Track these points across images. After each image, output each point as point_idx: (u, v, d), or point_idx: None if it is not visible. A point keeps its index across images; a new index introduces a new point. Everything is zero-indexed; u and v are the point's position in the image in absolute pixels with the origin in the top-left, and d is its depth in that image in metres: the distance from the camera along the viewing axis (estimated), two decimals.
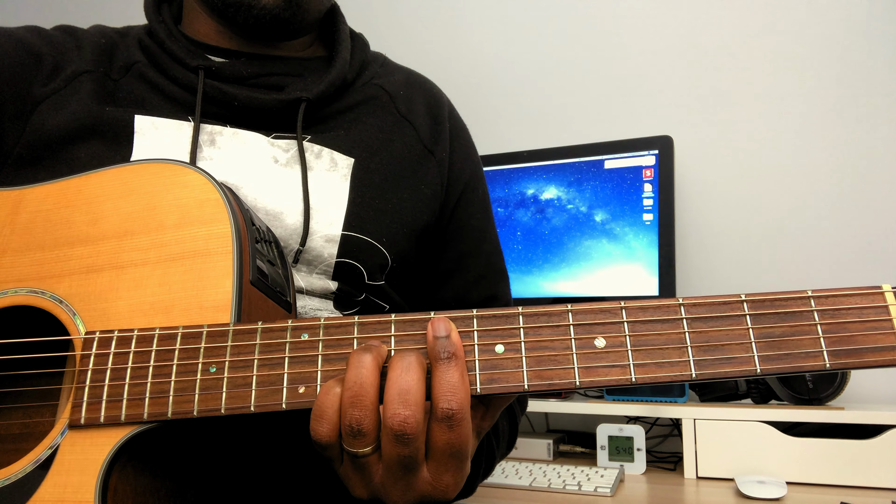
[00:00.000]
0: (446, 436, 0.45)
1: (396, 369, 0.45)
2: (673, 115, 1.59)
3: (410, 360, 0.45)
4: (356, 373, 0.45)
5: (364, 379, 0.44)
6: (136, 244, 0.54)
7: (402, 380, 0.44)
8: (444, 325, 0.46)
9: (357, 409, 0.44)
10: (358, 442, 0.45)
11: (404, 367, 0.45)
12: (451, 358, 0.45)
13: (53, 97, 0.69)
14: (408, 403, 0.44)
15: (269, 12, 0.70)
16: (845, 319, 0.43)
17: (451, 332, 0.46)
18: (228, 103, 0.70)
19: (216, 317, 0.50)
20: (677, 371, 0.43)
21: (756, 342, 0.43)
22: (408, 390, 0.44)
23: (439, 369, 0.45)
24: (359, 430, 0.44)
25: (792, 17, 1.51)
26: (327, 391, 0.45)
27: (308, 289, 0.68)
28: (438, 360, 0.45)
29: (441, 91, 0.85)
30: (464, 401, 0.45)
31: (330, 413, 0.45)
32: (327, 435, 0.45)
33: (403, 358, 0.45)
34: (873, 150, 1.43)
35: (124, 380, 0.49)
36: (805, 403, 1.17)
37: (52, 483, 0.48)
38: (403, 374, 0.44)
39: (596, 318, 0.46)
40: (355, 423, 0.44)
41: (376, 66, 0.82)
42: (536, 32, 1.75)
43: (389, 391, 0.44)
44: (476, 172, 0.83)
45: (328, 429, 0.45)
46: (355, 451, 0.45)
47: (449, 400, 0.44)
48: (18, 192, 0.59)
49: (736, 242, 1.51)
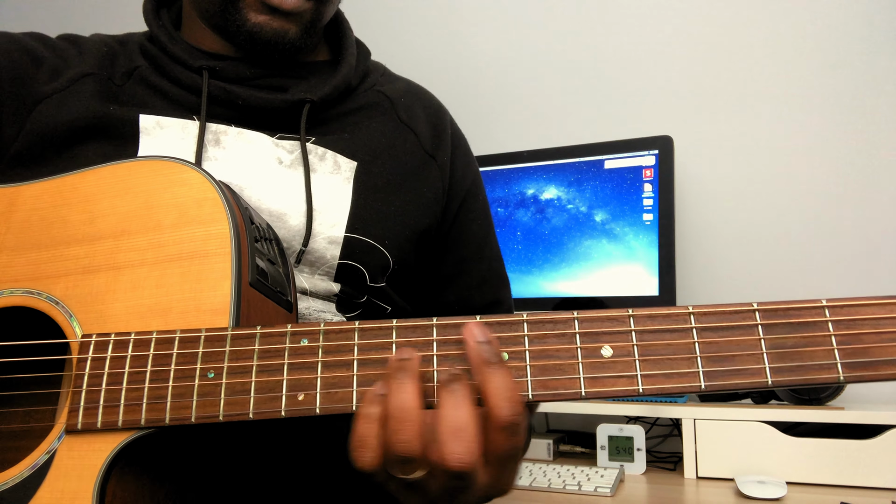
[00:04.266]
0: (509, 442, 0.43)
1: (448, 406, 0.42)
2: (673, 115, 1.59)
3: (461, 393, 0.43)
4: (399, 397, 0.42)
5: (408, 403, 0.42)
6: (133, 244, 0.53)
7: (455, 417, 0.42)
8: (483, 330, 0.44)
9: (403, 435, 0.42)
10: (408, 468, 0.43)
11: (456, 403, 0.42)
12: (500, 363, 0.43)
13: (55, 96, 0.68)
14: (463, 440, 0.41)
15: (292, 44, 0.71)
16: (861, 331, 0.41)
17: (490, 337, 0.44)
18: (232, 102, 0.70)
19: (214, 320, 0.50)
20: (686, 382, 0.42)
21: (767, 353, 0.42)
22: (463, 428, 0.42)
23: (490, 375, 0.43)
24: (407, 458, 0.42)
25: (792, 18, 1.51)
26: (367, 419, 0.43)
27: (312, 290, 0.68)
28: (487, 366, 0.43)
29: (441, 102, 0.86)
30: (520, 403, 0.43)
31: (371, 441, 0.43)
32: (372, 463, 0.43)
33: (453, 393, 0.43)
34: (873, 149, 1.43)
35: (121, 384, 0.48)
36: (805, 403, 1.17)
37: (49, 489, 0.48)
38: (456, 411, 0.42)
39: (603, 327, 0.45)
40: (402, 451, 0.42)
41: (377, 75, 0.82)
42: (536, 32, 1.75)
43: (443, 429, 0.42)
44: (476, 181, 0.84)
45: (372, 456, 0.43)
46: (405, 477, 0.43)
47: (510, 407, 0.42)
48: (13, 189, 0.58)
49: (736, 242, 1.51)
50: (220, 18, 0.69)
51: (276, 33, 0.69)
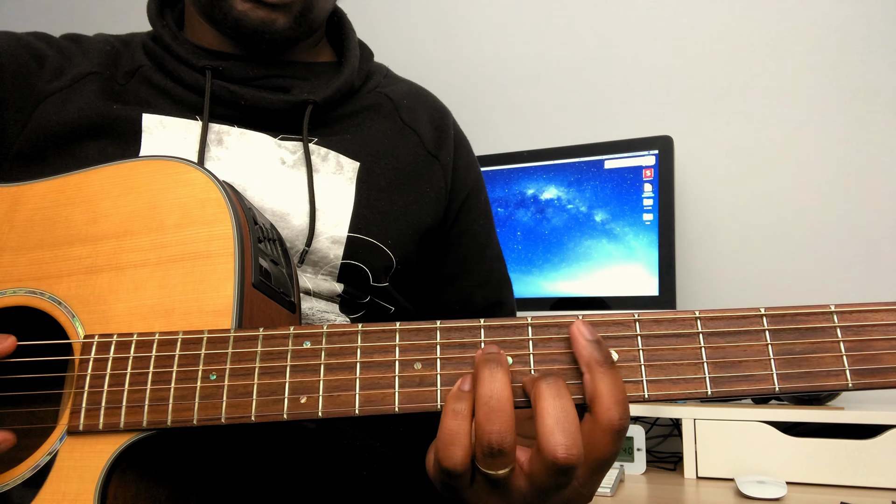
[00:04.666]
0: (614, 447, 0.41)
1: (548, 397, 0.40)
2: (673, 115, 1.59)
3: (560, 384, 0.41)
4: (490, 386, 0.41)
5: (500, 392, 0.41)
6: (136, 244, 0.53)
7: (558, 407, 0.40)
8: (591, 329, 0.43)
9: (496, 425, 0.40)
10: (497, 462, 0.41)
11: (558, 393, 0.41)
12: (612, 364, 0.42)
13: (58, 94, 0.68)
14: (569, 432, 0.40)
15: (280, 34, 0.70)
16: (870, 337, 0.41)
17: (599, 337, 0.43)
18: (235, 102, 0.70)
19: (217, 322, 0.49)
20: (692, 388, 0.42)
21: (775, 359, 0.42)
22: (569, 419, 0.40)
23: (603, 375, 0.41)
24: (499, 449, 0.40)
25: (792, 18, 1.51)
26: (456, 415, 0.42)
27: (315, 290, 0.67)
28: (599, 366, 0.42)
29: (443, 104, 0.85)
30: (628, 408, 0.41)
31: (462, 438, 0.41)
32: (463, 461, 0.41)
33: (552, 385, 0.41)
34: (873, 149, 1.43)
35: (123, 386, 0.48)
36: (805, 403, 1.17)
37: (50, 490, 0.47)
38: (559, 401, 0.40)
39: (608, 331, 0.44)
40: (496, 442, 0.40)
41: (380, 77, 0.82)
42: (537, 32, 1.74)
43: (546, 419, 0.40)
44: (479, 182, 0.84)
45: (463, 455, 0.41)
46: (494, 472, 0.41)
47: (621, 411, 0.41)
48: (16, 188, 0.58)
49: (736, 242, 1.51)
50: (209, 7, 0.69)
51: (262, 22, 0.68)
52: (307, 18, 0.71)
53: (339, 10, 0.83)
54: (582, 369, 0.43)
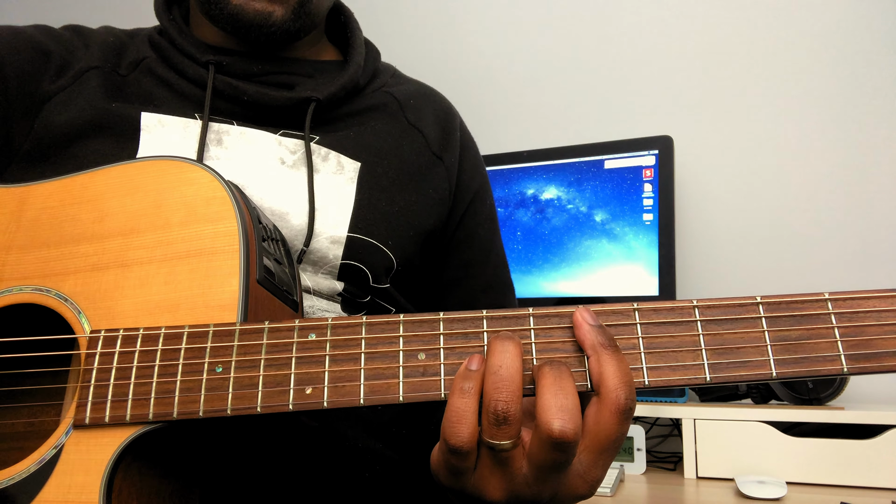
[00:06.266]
0: (621, 428, 0.42)
1: (548, 376, 0.42)
2: (673, 115, 1.59)
3: (562, 368, 0.43)
4: (501, 357, 0.42)
5: (510, 363, 0.42)
6: (142, 242, 0.54)
7: (556, 385, 0.41)
8: (594, 315, 0.44)
9: (503, 394, 0.41)
10: (502, 432, 0.42)
11: (556, 374, 0.42)
12: (616, 346, 0.43)
13: (61, 94, 0.68)
14: (565, 408, 0.41)
15: (279, 28, 0.70)
16: (864, 323, 0.42)
17: (601, 322, 0.44)
18: (238, 98, 0.70)
19: (222, 316, 0.50)
20: (691, 374, 0.43)
21: (772, 345, 0.43)
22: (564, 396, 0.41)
23: (608, 357, 0.43)
24: (505, 417, 0.41)
25: (792, 17, 1.51)
26: (463, 393, 0.43)
27: (315, 288, 0.67)
28: (604, 349, 0.43)
29: (452, 105, 0.85)
30: (634, 389, 0.42)
31: (469, 416, 0.42)
32: (469, 439, 0.42)
33: (554, 366, 0.43)
34: (873, 148, 1.43)
35: (129, 379, 0.49)
36: (805, 403, 1.17)
37: (56, 483, 0.48)
38: (557, 380, 0.42)
39: (608, 320, 0.45)
40: (502, 409, 0.41)
41: (387, 76, 0.82)
42: (536, 32, 1.75)
43: (544, 396, 0.41)
44: (484, 185, 0.83)
45: (469, 433, 0.42)
46: (498, 442, 0.42)
47: (628, 392, 0.42)
48: (24, 188, 0.59)
49: (736, 242, 1.51)
50: (206, 4, 0.69)
51: (258, 15, 0.68)
52: (306, 10, 0.71)
53: (345, 9, 0.83)
54: (587, 353, 0.44)
